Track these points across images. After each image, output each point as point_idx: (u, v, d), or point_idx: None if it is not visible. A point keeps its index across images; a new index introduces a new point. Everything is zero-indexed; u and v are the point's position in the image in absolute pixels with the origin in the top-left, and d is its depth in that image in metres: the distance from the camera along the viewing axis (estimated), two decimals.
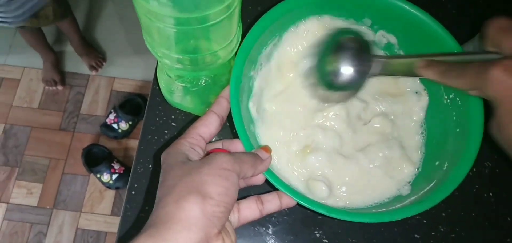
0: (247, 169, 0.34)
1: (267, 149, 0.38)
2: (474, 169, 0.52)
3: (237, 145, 0.39)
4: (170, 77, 0.45)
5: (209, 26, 0.35)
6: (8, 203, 1.43)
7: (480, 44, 0.47)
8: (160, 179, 0.33)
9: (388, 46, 0.49)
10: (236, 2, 0.35)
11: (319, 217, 0.50)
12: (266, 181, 0.38)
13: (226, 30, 0.37)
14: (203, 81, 0.45)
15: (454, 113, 0.44)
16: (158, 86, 0.51)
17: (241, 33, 0.42)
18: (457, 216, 0.51)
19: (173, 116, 0.53)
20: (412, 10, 0.44)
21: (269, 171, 0.38)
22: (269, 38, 0.46)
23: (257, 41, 0.43)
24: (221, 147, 0.40)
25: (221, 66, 0.42)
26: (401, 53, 0.49)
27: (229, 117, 0.40)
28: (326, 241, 0.49)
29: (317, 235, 0.49)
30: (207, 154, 0.37)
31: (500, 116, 0.32)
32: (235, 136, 0.40)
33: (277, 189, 0.38)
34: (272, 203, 0.38)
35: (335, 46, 0.42)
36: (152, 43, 0.39)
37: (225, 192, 0.30)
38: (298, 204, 0.38)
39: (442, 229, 0.50)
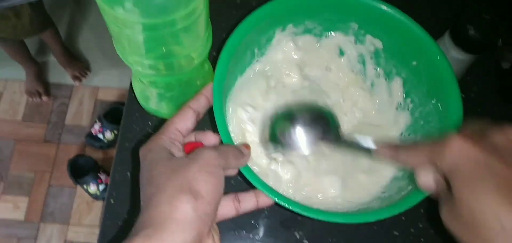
0: (232, 161, 0.35)
1: (247, 146, 0.39)
2: None
3: (209, 137, 0.39)
4: (144, 83, 0.45)
5: (178, 30, 0.35)
6: None
7: (450, 41, 0.48)
8: (144, 175, 0.33)
9: (376, 53, 0.50)
10: (202, 5, 0.35)
11: (299, 218, 0.50)
12: (244, 179, 0.38)
13: (195, 33, 0.37)
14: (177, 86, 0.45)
15: (436, 117, 0.44)
16: (134, 93, 0.51)
17: (211, 34, 0.42)
18: (436, 213, 0.51)
19: (150, 123, 0.53)
20: (397, 15, 0.45)
21: (247, 168, 0.38)
22: (256, 38, 0.47)
23: (243, 40, 0.43)
24: (194, 140, 0.39)
25: (194, 69, 0.42)
26: (384, 59, 0.50)
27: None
28: (306, 241, 0.49)
29: (297, 236, 0.50)
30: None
31: (457, 191, 0.28)
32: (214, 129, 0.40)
33: (255, 188, 0.38)
34: (249, 202, 0.38)
35: (295, 114, 0.44)
36: (123, 51, 0.39)
37: (214, 189, 0.31)
38: (276, 203, 0.38)
39: (421, 226, 0.51)
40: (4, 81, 1.61)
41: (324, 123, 0.43)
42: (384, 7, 0.45)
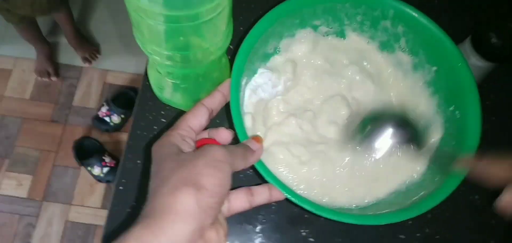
0: (238, 163, 0.34)
1: (258, 139, 0.38)
2: None
3: (222, 134, 0.39)
4: (160, 73, 0.45)
5: (200, 24, 0.35)
6: None
7: (470, 48, 0.48)
8: (153, 170, 0.33)
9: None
10: (226, 0, 0.35)
11: (305, 216, 0.51)
12: (257, 173, 0.38)
13: (216, 27, 0.38)
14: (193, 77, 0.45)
15: (454, 125, 0.44)
16: (149, 81, 0.51)
17: (232, 29, 0.42)
18: (442, 218, 0.51)
19: (162, 112, 0.53)
20: (420, 18, 0.45)
21: (260, 163, 0.38)
22: (276, 34, 0.46)
23: (262, 36, 0.43)
24: (207, 137, 0.40)
25: (211, 63, 0.42)
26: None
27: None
28: (312, 240, 0.50)
29: (303, 233, 0.50)
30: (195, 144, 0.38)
31: None
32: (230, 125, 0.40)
33: (268, 182, 0.38)
34: (261, 195, 0.38)
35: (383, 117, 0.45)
36: (142, 39, 0.39)
37: (219, 183, 0.31)
38: (286, 199, 0.38)
39: (427, 231, 0.51)
40: (14, 59, 1.61)
41: (409, 129, 0.44)
42: (407, 9, 0.45)
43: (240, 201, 0.37)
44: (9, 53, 1.62)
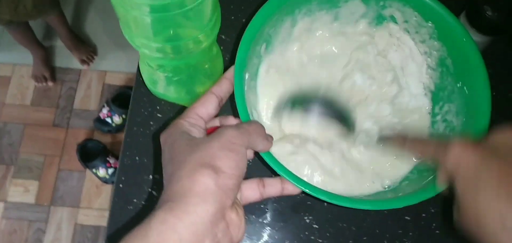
0: (255, 139, 0.34)
1: (270, 136, 0.38)
2: None
3: (231, 122, 0.39)
4: (151, 67, 0.44)
5: (186, 11, 0.34)
6: (5, 201, 1.42)
7: (465, 22, 0.47)
8: (166, 158, 0.33)
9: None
10: None
11: (308, 202, 0.50)
12: (270, 168, 0.38)
13: (203, 14, 0.37)
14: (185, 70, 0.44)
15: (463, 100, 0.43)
16: (142, 77, 0.50)
17: (220, 16, 0.41)
18: (447, 198, 0.50)
19: (158, 107, 0.52)
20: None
21: (274, 160, 0.37)
22: (282, 18, 0.45)
23: (267, 21, 0.43)
24: (218, 125, 0.39)
25: (201, 53, 0.41)
26: None
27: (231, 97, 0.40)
28: (316, 226, 0.49)
29: (307, 220, 0.49)
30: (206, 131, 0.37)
31: (461, 194, 0.31)
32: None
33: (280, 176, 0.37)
34: (273, 187, 0.38)
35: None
36: (130, 33, 0.39)
37: (235, 165, 0.31)
38: (302, 192, 0.38)
39: (433, 210, 0.50)
40: (12, 65, 1.61)
41: (339, 117, 0.44)
42: None
43: (251, 191, 0.37)
44: (6, 60, 1.62)
